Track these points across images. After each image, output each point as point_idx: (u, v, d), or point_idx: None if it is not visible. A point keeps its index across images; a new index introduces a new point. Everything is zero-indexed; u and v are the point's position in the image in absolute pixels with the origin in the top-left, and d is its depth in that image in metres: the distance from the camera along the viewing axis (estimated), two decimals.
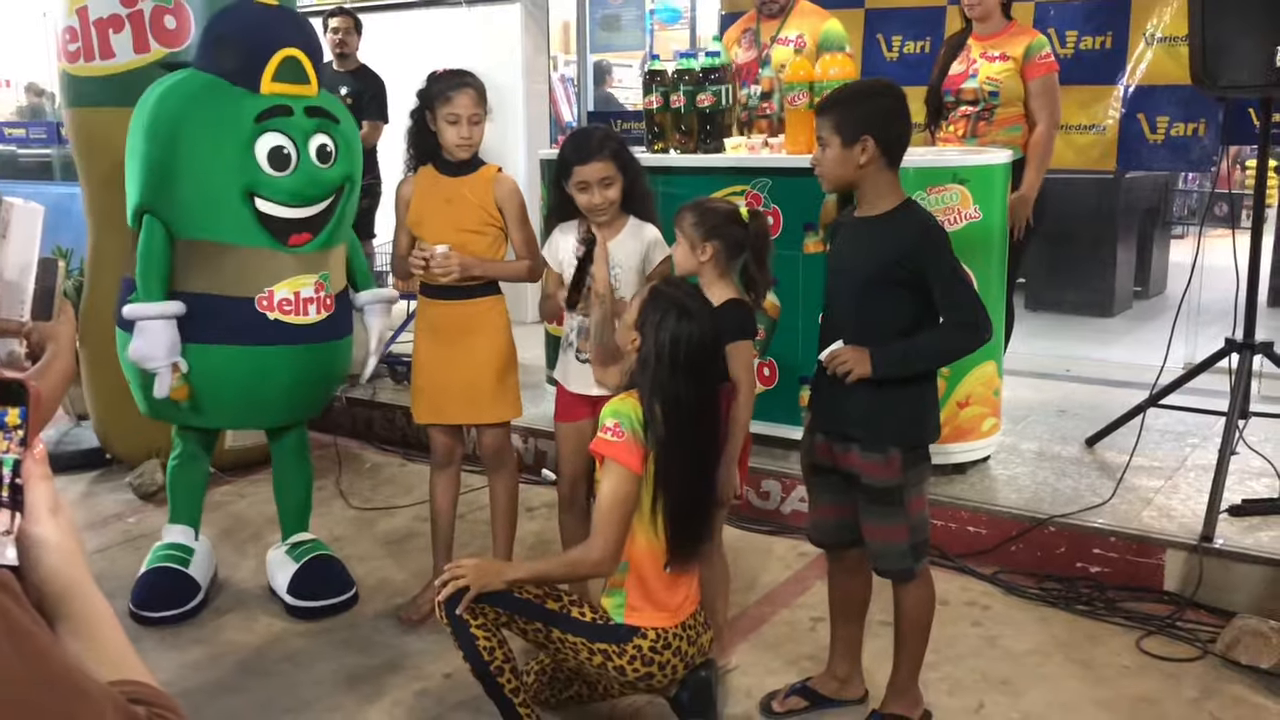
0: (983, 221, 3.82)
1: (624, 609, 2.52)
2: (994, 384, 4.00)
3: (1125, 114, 5.45)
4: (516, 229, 3.25)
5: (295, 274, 3.22)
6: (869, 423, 2.54)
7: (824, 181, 2.59)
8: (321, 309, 3.29)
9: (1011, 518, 3.66)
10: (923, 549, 2.62)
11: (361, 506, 4.34)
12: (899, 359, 2.50)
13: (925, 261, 2.47)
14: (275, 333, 3.21)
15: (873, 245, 2.53)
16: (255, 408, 3.37)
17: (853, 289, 2.57)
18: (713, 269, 2.83)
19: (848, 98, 2.56)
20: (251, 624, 3.37)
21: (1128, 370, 5.29)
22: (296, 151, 3.12)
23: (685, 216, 2.85)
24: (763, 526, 4.00)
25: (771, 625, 3.31)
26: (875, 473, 2.54)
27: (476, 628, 2.46)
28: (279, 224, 3.16)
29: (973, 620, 3.31)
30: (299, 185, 3.14)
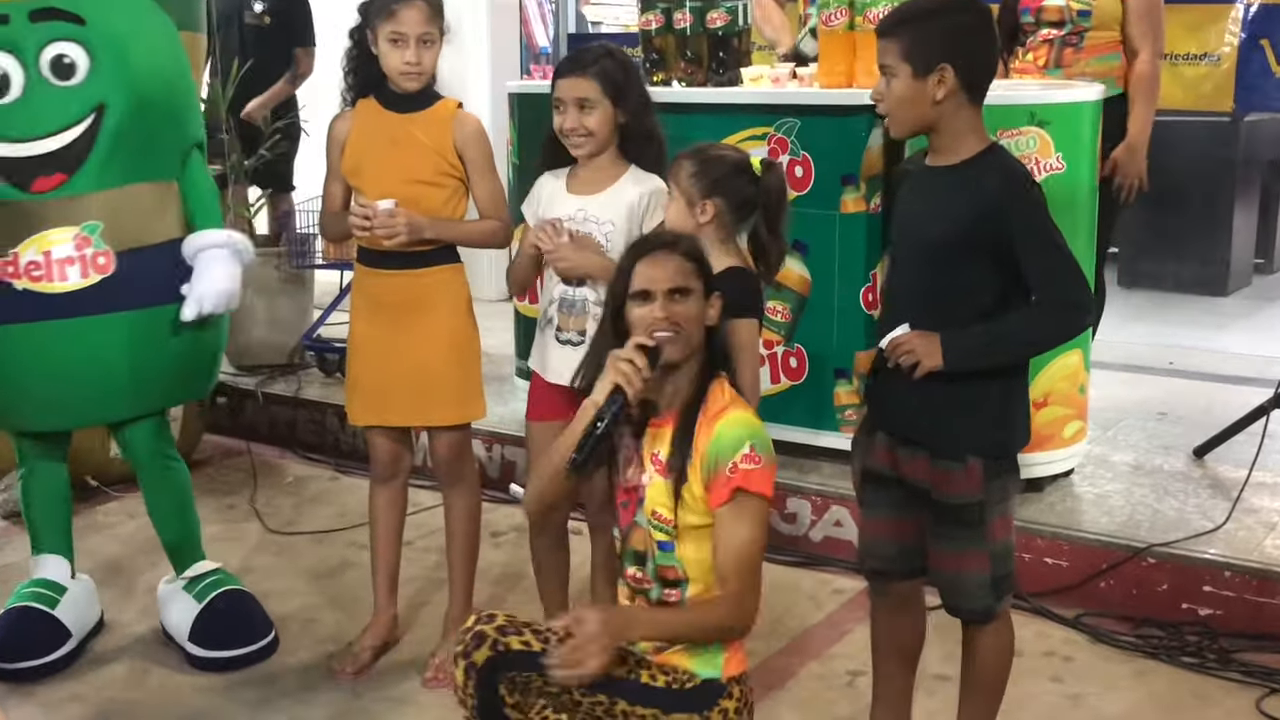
0: (1066, 174, 3.82)
1: (721, 656, 2.40)
2: (1080, 379, 4.01)
3: (1245, 40, 5.46)
4: (481, 180, 3.25)
5: (45, 227, 3.14)
6: (943, 425, 2.51)
7: (892, 124, 2.54)
8: (90, 270, 3.18)
9: (1101, 546, 3.66)
10: (1006, 584, 2.61)
11: (282, 530, 4.34)
12: (977, 348, 2.48)
13: (1013, 221, 2.43)
14: (36, 306, 3.15)
15: (947, 201, 2.49)
16: (41, 403, 3.31)
17: (920, 257, 2.54)
18: (713, 233, 2.82)
19: (919, 15, 2.47)
20: (143, 678, 3.37)
21: (1246, 363, 5.30)
22: (22, 69, 3.07)
23: (683, 166, 2.85)
24: (788, 556, 4.00)
25: (798, 680, 3.32)
26: (951, 486, 2.52)
27: (512, 708, 2.32)
28: (12, 165, 3.11)
29: (1052, 675, 3.32)
30: (25, 111, 3.09)
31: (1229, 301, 7.00)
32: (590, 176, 3.09)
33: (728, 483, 2.31)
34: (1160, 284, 7.11)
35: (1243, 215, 7.16)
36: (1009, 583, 2.62)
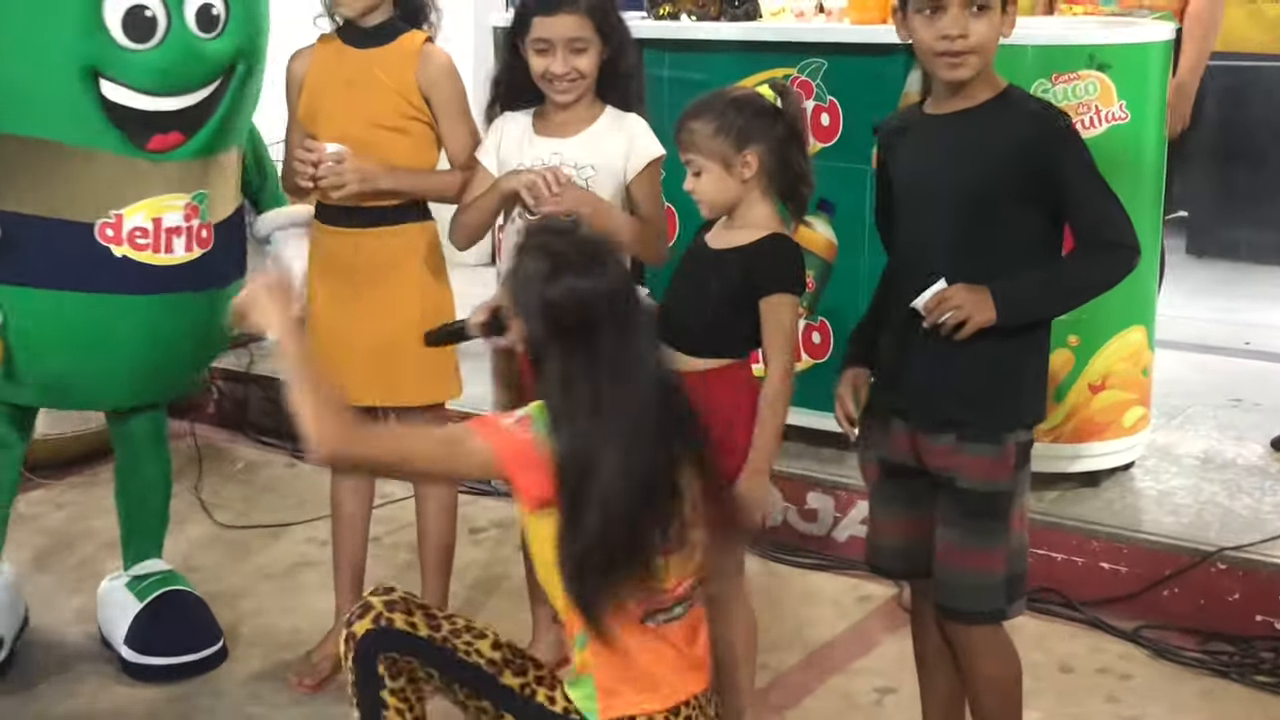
0: (1131, 124, 3.81)
1: (595, 699, 2.43)
2: (1143, 359, 4.01)
3: None
4: (452, 124, 3.25)
5: (156, 193, 3.17)
6: (977, 399, 2.54)
7: (972, 62, 2.48)
8: (194, 244, 3.25)
9: (1164, 550, 3.67)
10: (1019, 584, 2.64)
11: (231, 524, 4.35)
12: (1031, 296, 2.51)
13: (1054, 158, 2.47)
14: (124, 275, 3.17)
15: (976, 145, 2.52)
16: (93, 380, 3.33)
17: (948, 209, 2.55)
18: (756, 187, 2.82)
19: None
20: (75, 688, 3.39)
21: None
22: (166, 13, 3.06)
23: (697, 130, 2.80)
24: (808, 558, 4.02)
25: (816, 698, 3.33)
26: (979, 473, 2.54)
27: (391, 691, 2.41)
28: (135, 118, 3.10)
29: (1107, 694, 3.33)
30: (168, 62, 3.08)
31: None
32: (564, 118, 3.09)
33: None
34: (1234, 253, 7.10)
35: None
36: (1022, 583, 2.65)
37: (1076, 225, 2.51)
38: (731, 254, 2.84)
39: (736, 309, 2.82)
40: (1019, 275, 2.49)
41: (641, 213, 3.08)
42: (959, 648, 2.67)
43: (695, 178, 2.84)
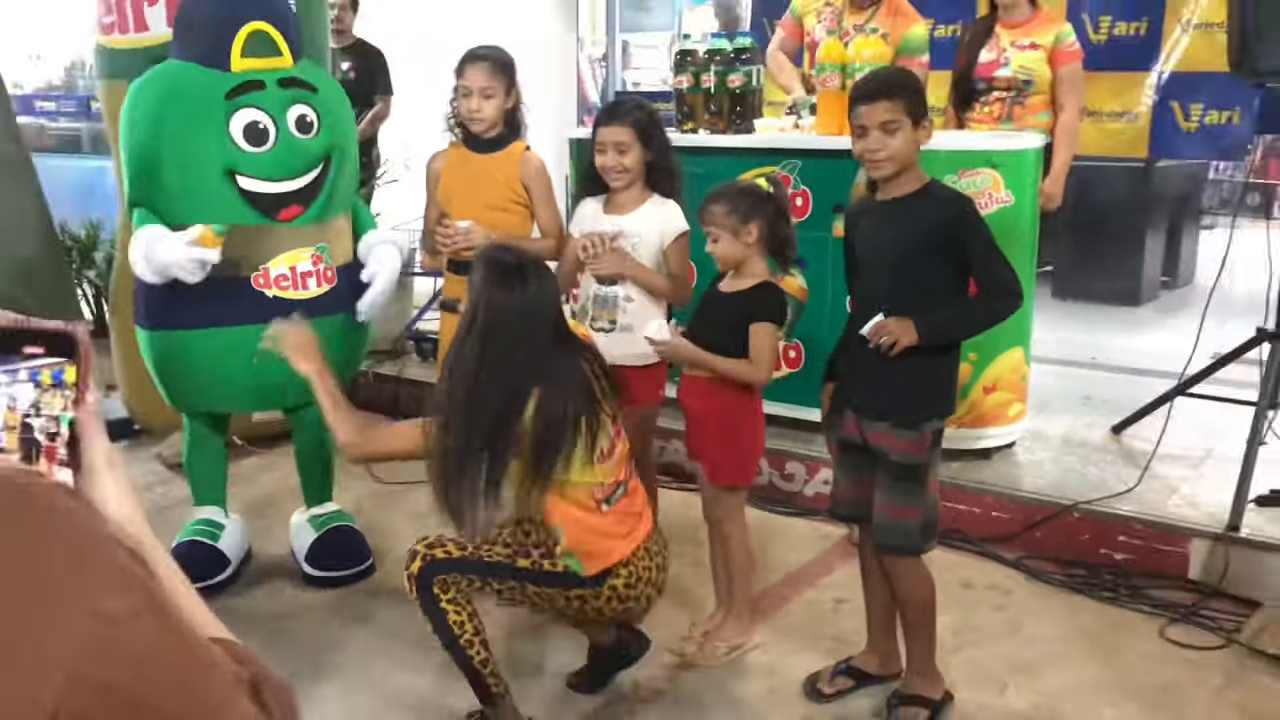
0: (1014, 206, 3.80)
1: (582, 564, 2.52)
2: (1022, 370, 3.99)
3: (1158, 101, 5.42)
4: (542, 207, 3.27)
5: (290, 248, 3.17)
6: (904, 398, 2.56)
7: (889, 165, 2.51)
8: (322, 282, 3.23)
9: (1036, 503, 3.65)
10: (931, 531, 2.64)
11: (387, 481, 4.36)
12: (943, 326, 2.54)
13: (964, 232, 2.50)
14: (276, 309, 3.13)
15: (908, 222, 2.55)
16: (268, 389, 3.34)
17: (888, 267, 2.59)
18: (756, 250, 2.84)
19: (908, 81, 2.58)
20: (278, 594, 3.41)
21: (1155, 359, 5.23)
22: (274, 125, 3.07)
23: (714, 210, 2.82)
24: (786, 508, 4.00)
25: (794, 606, 3.32)
26: (904, 449, 2.57)
27: (447, 602, 2.47)
28: (266, 200, 3.11)
29: (995, 605, 3.31)
30: (280, 158, 3.09)
31: (1141, 310, 6.92)
32: (622, 200, 3.11)
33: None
34: (1086, 296, 7.04)
35: (1153, 241, 7.11)
36: (934, 530, 2.65)
37: (978, 279, 2.53)
38: (734, 296, 2.85)
39: (736, 335, 2.83)
40: (937, 311, 2.51)
41: (672, 270, 3.09)
42: (889, 573, 2.68)
43: (714, 244, 2.85)
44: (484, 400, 2.37)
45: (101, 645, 0.69)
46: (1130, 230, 6.94)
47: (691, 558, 3.60)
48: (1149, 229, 7.02)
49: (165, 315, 3.18)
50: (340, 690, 2.88)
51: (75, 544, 0.72)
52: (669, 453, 4.31)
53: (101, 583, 0.71)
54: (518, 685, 2.85)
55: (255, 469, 4.47)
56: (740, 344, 2.83)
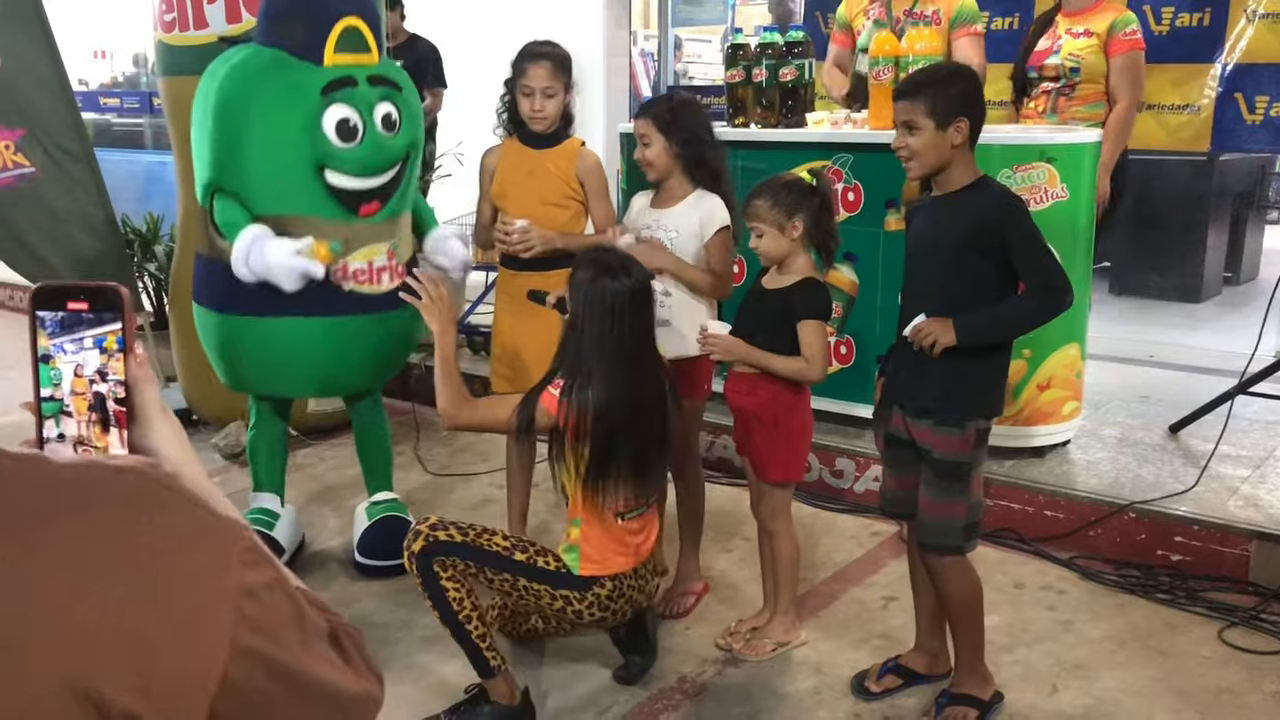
0: (1069, 202, 3.73)
1: (579, 562, 2.68)
2: (1076, 367, 3.93)
3: (1222, 93, 5.30)
4: (597, 203, 3.27)
5: (367, 243, 3.22)
6: (947, 396, 2.54)
7: (915, 166, 2.54)
8: (394, 277, 3.29)
9: (1090, 502, 3.59)
10: (974, 530, 2.62)
11: (438, 472, 4.40)
12: (983, 326, 2.50)
13: (1007, 229, 2.47)
14: (352, 303, 3.23)
15: (952, 220, 2.53)
16: (336, 377, 3.41)
17: (934, 264, 2.57)
18: (799, 245, 2.82)
19: (937, 80, 2.54)
20: (329, 582, 3.45)
21: (1215, 357, 5.13)
22: (363, 122, 3.09)
23: (759, 205, 2.81)
24: (835, 504, 3.98)
25: (842, 603, 3.29)
26: (947, 447, 2.54)
27: (446, 580, 2.60)
28: (349, 195, 3.15)
29: (1048, 605, 3.26)
30: (367, 155, 3.12)
31: (1202, 307, 6.79)
32: (666, 194, 3.12)
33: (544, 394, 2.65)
34: (1145, 292, 6.93)
35: (1215, 236, 6.96)
36: (977, 530, 2.63)
37: (1023, 277, 2.49)
38: (778, 293, 2.84)
39: (778, 333, 2.82)
40: (980, 311, 2.49)
41: (712, 265, 3.07)
42: (933, 572, 2.65)
43: (758, 239, 2.83)
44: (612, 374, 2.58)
45: (250, 616, 0.77)
46: (1191, 225, 6.81)
47: (739, 553, 3.60)
48: (1211, 223, 6.88)
49: (236, 300, 3.20)
50: (387, 680, 2.90)
51: (215, 528, 0.79)
52: (717, 447, 4.30)
53: (241, 561, 0.79)
54: (560, 678, 2.87)
55: (311, 459, 4.53)
56: (782, 341, 2.81)
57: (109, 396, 0.91)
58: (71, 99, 4.82)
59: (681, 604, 3.21)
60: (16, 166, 4.70)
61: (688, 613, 3.20)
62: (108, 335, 0.90)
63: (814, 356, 2.80)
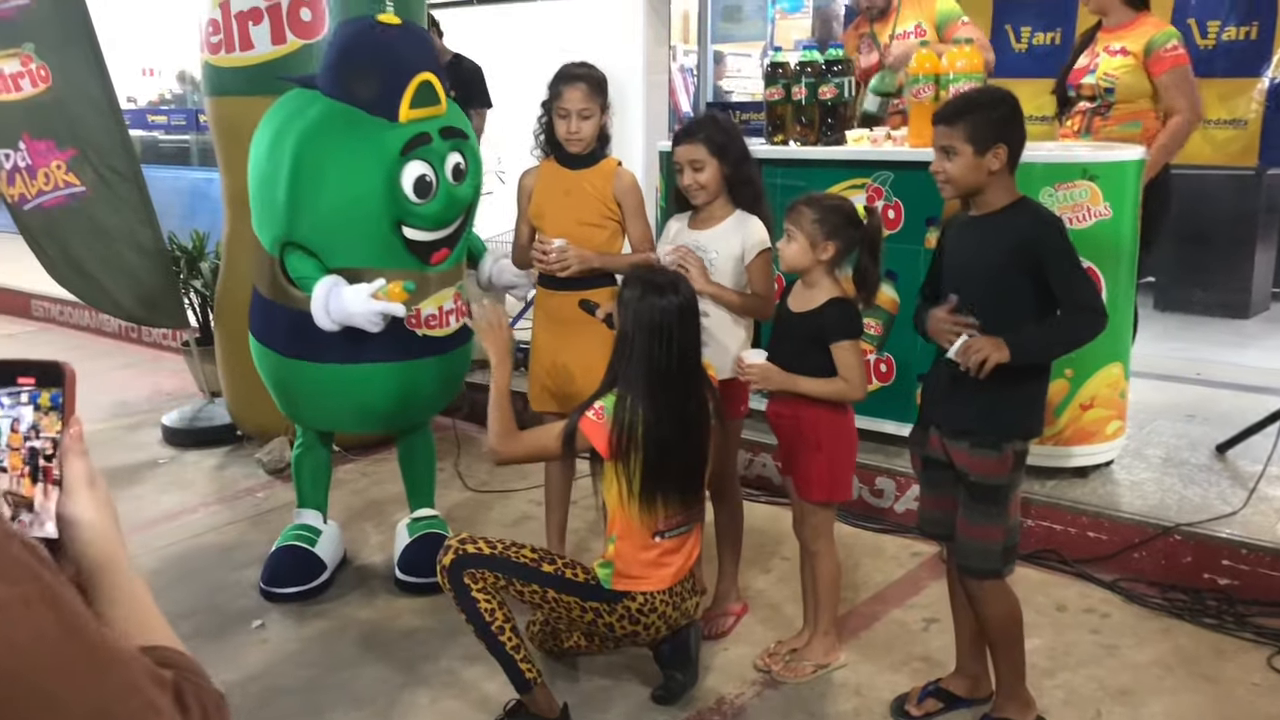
0: (1112, 220, 3.70)
1: (612, 578, 2.71)
2: (1120, 386, 3.88)
3: (1270, 108, 5.23)
4: (634, 223, 3.28)
5: (438, 289, 3.30)
6: (985, 417, 2.53)
7: (949, 189, 2.56)
8: (459, 317, 3.40)
9: (1134, 524, 3.54)
10: (1012, 553, 2.60)
11: (478, 488, 4.42)
12: (1035, 344, 2.49)
13: (1044, 249, 2.46)
14: (423, 347, 3.31)
15: (991, 240, 2.52)
16: (404, 414, 3.52)
17: (972, 284, 2.55)
18: (825, 267, 2.82)
19: (978, 106, 2.54)
20: (371, 600, 3.48)
21: (1264, 375, 5.07)
22: (436, 177, 3.13)
23: (804, 213, 2.82)
24: (875, 524, 3.96)
25: (882, 624, 3.27)
26: (984, 469, 2.53)
27: (477, 591, 2.64)
28: (423, 246, 3.21)
29: (1091, 628, 3.23)
30: (441, 210, 3.17)
31: (1249, 324, 6.69)
32: (705, 216, 3.12)
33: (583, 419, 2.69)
34: (1190, 308, 6.83)
35: (1263, 251, 6.86)
36: (1014, 553, 2.61)
37: (1061, 297, 2.47)
38: (806, 316, 2.84)
39: (808, 356, 2.82)
40: (1022, 330, 2.48)
41: (754, 288, 3.07)
42: (971, 595, 2.64)
43: (788, 243, 2.84)
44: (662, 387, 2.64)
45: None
46: (1239, 240, 6.72)
47: (779, 573, 3.59)
48: (1259, 239, 6.78)
49: (306, 347, 3.26)
50: (430, 697, 2.93)
51: None
52: (756, 465, 4.29)
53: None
54: (598, 696, 2.88)
55: (353, 475, 4.58)
56: (811, 363, 2.81)
57: (40, 453, 0.96)
58: (120, 119, 4.91)
59: (720, 624, 3.20)
60: (68, 186, 4.81)
61: (726, 633, 3.19)
62: (42, 393, 0.96)
63: (853, 377, 2.79)
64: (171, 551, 3.83)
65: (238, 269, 4.51)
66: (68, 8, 4.71)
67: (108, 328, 7.20)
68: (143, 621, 0.98)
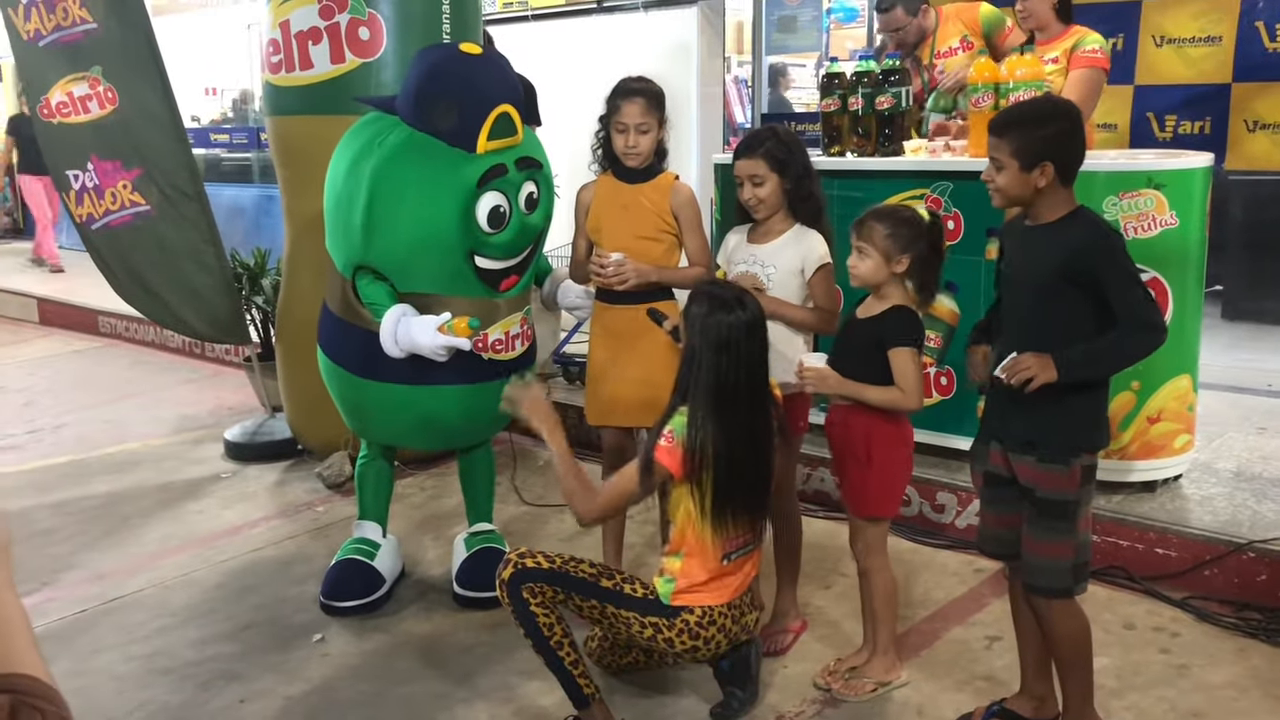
0: (1179, 229, 3.62)
1: (672, 594, 2.70)
2: (1188, 399, 3.80)
3: None
4: (691, 236, 3.27)
5: (505, 315, 3.33)
6: (1051, 430, 2.47)
7: (998, 198, 2.54)
8: (524, 341, 3.43)
9: (1205, 540, 3.46)
10: (1083, 571, 2.54)
11: (535, 503, 4.43)
12: (1084, 362, 2.43)
13: (1099, 261, 2.40)
14: (490, 370, 3.33)
15: (1046, 251, 2.47)
16: (469, 433, 3.58)
17: (1027, 297, 2.52)
18: (898, 279, 2.79)
19: (1027, 120, 2.49)
20: (430, 614, 3.49)
21: None
22: (510, 207, 3.16)
23: (875, 228, 2.80)
24: (936, 540, 3.90)
25: (943, 643, 3.22)
26: (1052, 485, 2.48)
27: (536, 606, 2.64)
28: (493, 275, 3.24)
29: (1161, 647, 3.15)
30: (512, 239, 3.20)
31: None
32: (764, 230, 3.10)
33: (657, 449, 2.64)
34: (1261, 317, 6.65)
35: None
36: (1086, 570, 2.55)
37: (1118, 311, 2.40)
38: (868, 321, 2.83)
39: (869, 362, 2.80)
40: (1075, 346, 2.42)
41: (817, 302, 3.05)
42: (1039, 615, 2.59)
43: (859, 260, 2.82)
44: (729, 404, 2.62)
45: None
46: None
47: (838, 589, 3.55)
48: None
49: (377, 368, 3.30)
50: (488, 713, 2.93)
51: None
52: (814, 480, 4.26)
53: None
54: (656, 714, 2.86)
55: (411, 489, 4.61)
56: (873, 371, 2.78)
57: None
58: (184, 139, 5.01)
59: (779, 642, 3.17)
60: (134, 205, 4.91)
61: (785, 650, 3.16)
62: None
63: (908, 385, 2.76)
64: (233, 565, 3.89)
65: (298, 285, 4.58)
66: (134, 31, 4.82)
67: (171, 343, 7.34)
68: (5, 648, 1.03)
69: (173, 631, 3.41)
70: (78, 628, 3.45)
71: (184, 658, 3.25)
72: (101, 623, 3.48)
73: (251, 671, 3.17)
